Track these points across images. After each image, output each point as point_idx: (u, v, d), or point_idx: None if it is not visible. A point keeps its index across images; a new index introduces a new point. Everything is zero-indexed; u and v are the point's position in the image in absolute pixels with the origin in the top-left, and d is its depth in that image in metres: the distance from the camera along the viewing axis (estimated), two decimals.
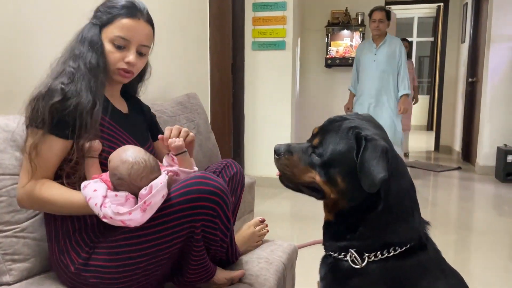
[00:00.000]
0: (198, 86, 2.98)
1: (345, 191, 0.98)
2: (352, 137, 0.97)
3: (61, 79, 1.16)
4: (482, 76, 5.21)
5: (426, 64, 10.24)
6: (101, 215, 1.07)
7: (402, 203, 0.99)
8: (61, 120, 1.13)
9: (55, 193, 1.14)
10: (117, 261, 1.12)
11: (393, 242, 0.98)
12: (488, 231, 3.22)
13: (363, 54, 4.32)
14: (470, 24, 5.80)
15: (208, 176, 1.16)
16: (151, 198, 1.07)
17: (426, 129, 9.42)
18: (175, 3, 2.60)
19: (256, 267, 1.40)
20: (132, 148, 1.17)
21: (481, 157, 5.08)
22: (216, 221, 1.15)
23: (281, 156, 1.05)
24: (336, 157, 0.98)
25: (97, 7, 1.28)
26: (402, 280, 0.97)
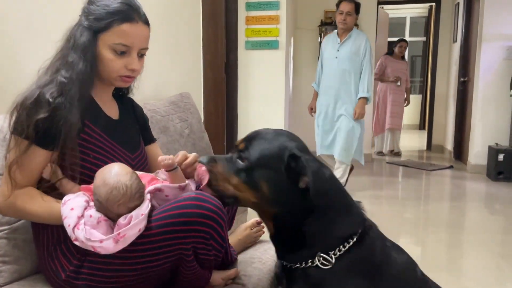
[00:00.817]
0: (191, 86, 2.96)
1: (272, 198, 1.01)
2: (284, 154, 1.01)
3: (50, 90, 1.11)
4: (473, 75, 5.24)
5: (419, 63, 10.29)
6: (73, 238, 1.04)
7: (339, 199, 1.05)
8: (46, 132, 1.10)
9: (36, 204, 1.11)
10: (109, 271, 1.11)
11: (348, 233, 1.03)
12: (479, 229, 3.25)
13: (326, 49, 3.95)
14: (462, 24, 5.84)
15: (203, 197, 1.09)
16: (127, 230, 1.03)
17: (418, 128, 9.47)
18: (168, 2, 2.59)
19: (249, 267, 1.40)
20: (119, 168, 1.10)
21: (473, 156, 5.12)
22: (210, 242, 1.12)
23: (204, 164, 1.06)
24: (263, 161, 1.01)
25: (87, 7, 1.20)
26: (363, 261, 1.02)
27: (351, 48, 3.77)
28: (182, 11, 2.81)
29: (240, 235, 1.54)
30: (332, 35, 3.99)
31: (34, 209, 1.11)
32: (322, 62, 4.00)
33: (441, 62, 6.74)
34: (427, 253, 2.86)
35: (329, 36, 4.05)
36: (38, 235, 1.19)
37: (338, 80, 3.80)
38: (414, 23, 9.76)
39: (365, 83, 3.74)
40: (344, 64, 3.77)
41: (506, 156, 4.63)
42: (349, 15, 3.74)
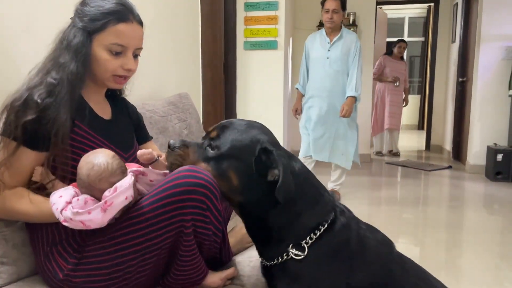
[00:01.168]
0: (190, 86, 2.96)
1: (239, 188, 1.05)
2: (256, 146, 1.04)
3: (39, 92, 1.11)
4: (472, 75, 5.25)
5: (417, 64, 10.30)
6: (62, 219, 1.04)
7: (307, 191, 1.08)
8: (35, 133, 1.10)
9: (25, 203, 1.11)
10: (108, 261, 1.11)
11: (317, 222, 1.06)
12: (478, 229, 3.25)
13: (314, 48, 3.68)
14: (460, 24, 5.85)
15: (195, 169, 1.11)
16: (113, 198, 1.04)
17: (417, 129, 9.48)
18: (166, 2, 2.59)
19: (247, 267, 1.39)
20: (102, 151, 1.13)
21: (471, 156, 5.12)
22: (207, 214, 1.12)
23: (175, 149, 1.08)
24: (233, 152, 1.04)
25: (81, 8, 1.20)
26: (337, 245, 1.05)
27: (342, 48, 3.58)
28: (180, 12, 2.81)
29: (237, 233, 1.54)
30: (318, 34, 3.72)
31: (23, 208, 1.11)
32: (308, 62, 3.75)
33: (440, 62, 6.75)
34: (426, 253, 2.86)
35: (315, 36, 3.76)
36: (34, 237, 1.19)
37: (330, 81, 3.58)
38: (413, 23, 9.77)
39: (353, 82, 3.55)
40: (336, 65, 3.57)
41: (504, 156, 4.64)
42: (336, 13, 3.52)
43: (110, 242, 1.11)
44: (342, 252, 1.05)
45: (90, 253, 1.12)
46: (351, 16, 5.47)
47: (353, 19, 5.48)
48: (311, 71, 3.69)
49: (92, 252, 1.12)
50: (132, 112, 1.46)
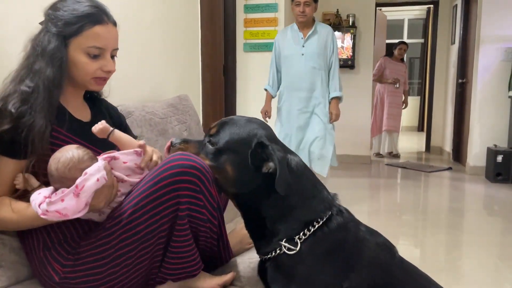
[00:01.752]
0: (190, 88, 2.97)
1: (236, 180, 1.08)
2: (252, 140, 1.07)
3: (13, 101, 1.09)
4: (471, 77, 5.26)
5: (417, 65, 10.31)
6: (40, 213, 1.04)
7: (303, 186, 1.10)
8: (12, 141, 1.09)
9: (7, 210, 1.11)
10: (105, 258, 1.10)
11: (312, 218, 1.07)
12: (478, 231, 3.25)
13: (286, 45, 3.34)
14: (460, 26, 5.86)
15: (186, 153, 1.13)
16: (84, 181, 1.02)
17: (417, 130, 9.48)
18: (166, 4, 2.59)
19: (248, 268, 1.39)
20: (66, 146, 1.12)
21: (471, 158, 5.12)
22: (200, 197, 1.11)
23: (176, 145, 1.13)
24: (229, 145, 1.09)
25: (53, 13, 1.18)
26: (332, 244, 1.06)
27: (318, 43, 3.26)
28: (180, 14, 2.82)
29: (237, 234, 1.54)
30: (289, 30, 3.38)
31: (7, 216, 1.11)
32: (279, 61, 3.40)
33: (439, 64, 6.76)
34: (426, 254, 2.86)
35: (285, 31, 3.42)
36: (26, 244, 1.18)
37: (308, 80, 3.27)
38: (412, 25, 9.78)
39: (336, 81, 3.30)
40: (313, 61, 3.25)
41: (504, 157, 4.64)
42: (307, 6, 3.21)
43: (106, 239, 1.10)
44: (337, 252, 1.05)
45: (86, 253, 1.12)
46: (350, 17, 5.48)
47: (352, 21, 5.48)
48: (284, 70, 3.37)
49: (87, 251, 1.12)
50: (113, 113, 1.46)
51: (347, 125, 5.66)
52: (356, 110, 5.60)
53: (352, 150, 5.70)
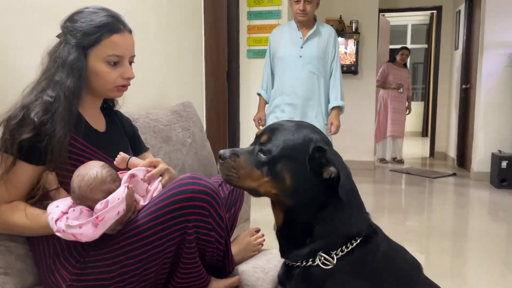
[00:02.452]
0: (193, 95, 2.98)
1: (294, 189, 1.00)
2: (309, 145, 1.00)
3: (36, 110, 1.12)
4: (475, 82, 5.25)
5: (420, 70, 10.31)
6: (55, 229, 1.06)
7: (351, 200, 1.04)
8: (32, 148, 1.11)
9: (22, 216, 1.12)
10: (111, 272, 1.11)
11: (352, 234, 1.02)
12: (483, 237, 3.23)
13: (282, 45, 2.94)
14: (463, 31, 5.86)
15: (197, 176, 1.15)
16: (105, 213, 1.05)
17: (421, 136, 9.46)
18: (170, 11, 2.61)
19: (252, 277, 1.39)
20: (91, 162, 1.16)
21: (476, 163, 5.11)
22: (209, 220, 1.14)
23: (227, 159, 1.01)
24: (287, 153, 1.00)
25: (71, 26, 1.21)
26: (371, 264, 1.01)
27: (319, 45, 2.87)
28: (184, 21, 2.83)
29: (240, 242, 1.54)
30: (286, 28, 2.99)
31: (19, 220, 1.12)
32: (273, 62, 3.01)
33: (443, 69, 6.75)
34: (430, 261, 2.84)
35: (282, 29, 3.02)
36: (35, 249, 1.19)
37: (304, 86, 2.86)
38: (416, 30, 9.79)
39: (338, 88, 2.91)
40: (311, 65, 2.85)
41: (509, 163, 4.61)
42: (309, 3, 2.81)
43: (113, 253, 1.12)
44: (369, 270, 1.01)
45: (93, 264, 1.13)
46: (353, 23, 5.49)
47: (355, 27, 5.50)
48: (278, 73, 2.96)
49: (95, 262, 1.13)
50: (126, 125, 1.49)
51: (351, 131, 5.66)
52: (360, 115, 5.60)
53: (355, 156, 5.69)
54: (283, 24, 3.10)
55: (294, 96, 2.87)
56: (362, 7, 5.50)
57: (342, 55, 5.51)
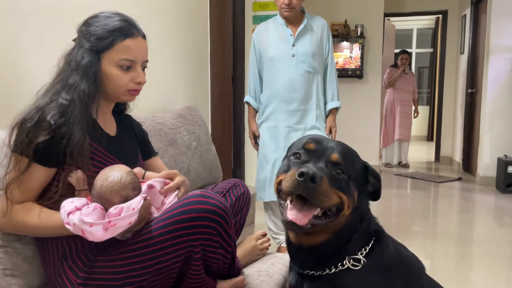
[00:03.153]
0: (199, 98, 2.99)
1: (356, 206, 1.04)
2: (361, 164, 1.08)
3: (52, 113, 1.13)
4: (481, 86, 5.23)
5: (426, 75, 10.29)
6: (65, 221, 1.07)
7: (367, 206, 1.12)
8: (47, 151, 1.12)
9: (35, 216, 1.12)
10: (117, 280, 1.12)
11: (371, 233, 1.08)
12: (488, 242, 3.21)
13: (270, 44, 2.56)
14: (469, 35, 5.84)
15: (207, 194, 1.15)
16: (118, 220, 1.06)
17: (426, 140, 9.43)
18: (175, 15, 2.63)
19: (256, 280, 1.39)
20: (119, 166, 1.18)
21: (482, 168, 5.08)
22: (217, 239, 1.15)
23: (316, 182, 0.91)
24: (356, 173, 1.04)
25: (86, 30, 1.23)
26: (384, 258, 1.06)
27: (311, 41, 2.53)
28: (189, 24, 2.85)
29: (246, 246, 1.55)
30: (271, 25, 2.61)
31: (32, 221, 1.12)
32: (261, 65, 2.64)
33: (449, 74, 6.74)
34: (435, 265, 2.83)
35: (266, 26, 2.63)
36: (44, 251, 1.20)
37: (301, 87, 2.52)
38: (421, 35, 9.78)
39: (334, 87, 2.62)
40: (306, 64, 2.51)
41: None
42: None
43: (121, 262, 1.12)
44: (385, 267, 1.05)
45: (100, 269, 1.13)
46: (359, 28, 5.49)
47: (361, 31, 5.50)
48: (269, 76, 2.59)
49: (102, 268, 1.13)
50: (137, 129, 1.49)
51: (356, 135, 5.65)
52: (365, 120, 5.60)
53: None
54: (266, 21, 2.69)
55: (290, 100, 2.53)
56: (367, 11, 5.51)
57: (347, 59, 5.52)
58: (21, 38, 1.52)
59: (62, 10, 1.69)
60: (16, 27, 1.50)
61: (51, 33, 1.63)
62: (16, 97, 1.49)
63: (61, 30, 1.65)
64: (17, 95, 1.50)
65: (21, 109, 1.17)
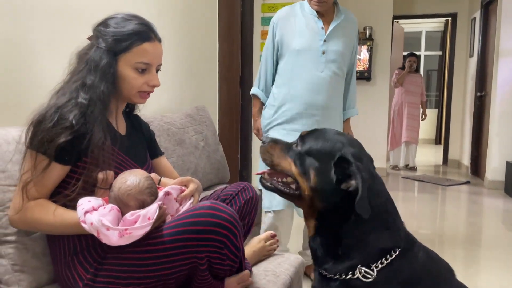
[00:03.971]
0: (207, 99, 3.00)
1: (317, 189, 1.04)
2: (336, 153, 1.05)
3: (73, 112, 1.14)
4: (490, 90, 5.20)
5: (434, 77, 10.24)
6: (82, 219, 1.07)
7: (382, 214, 1.06)
8: (67, 150, 1.13)
9: (49, 214, 1.13)
10: (125, 279, 1.13)
11: (390, 246, 1.03)
12: (497, 246, 3.19)
13: (297, 34, 2.19)
14: (478, 38, 5.81)
15: (218, 207, 1.14)
16: (134, 229, 1.07)
17: (434, 143, 9.37)
18: (185, 16, 2.64)
19: (263, 280, 1.39)
20: (138, 170, 1.20)
21: (490, 172, 5.04)
22: (224, 252, 1.15)
23: (265, 143, 1.15)
24: (314, 151, 1.07)
25: (104, 30, 1.23)
26: (409, 275, 1.02)
27: (345, 39, 2.22)
28: (198, 26, 2.86)
29: (254, 247, 1.54)
30: (298, 11, 2.23)
31: (47, 218, 1.13)
32: (281, 55, 2.25)
33: (457, 77, 6.70)
34: None
35: (293, 12, 2.25)
36: (55, 246, 1.21)
37: (327, 90, 2.19)
38: (430, 37, 9.73)
39: (354, 95, 2.42)
40: (336, 65, 2.20)
41: None
42: None
43: (128, 261, 1.13)
44: (407, 281, 1.02)
45: (109, 266, 1.14)
46: (367, 30, 5.48)
47: (369, 33, 5.49)
48: (289, 71, 2.21)
49: (110, 265, 1.14)
50: (144, 128, 1.51)
51: (364, 137, 5.61)
52: (373, 122, 5.58)
53: None
54: (291, 6, 2.29)
55: (313, 104, 2.18)
56: (376, 13, 5.50)
57: None
58: (33, 38, 1.54)
59: (74, 10, 1.71)
60: (28, 26, 1.52)
61: (63, 32, 1.65)
62: (27, 96, 1.51)
63: (72, 30, 1.67)
64: (29, 93, 1.52)
65: (33, 107, 1.18)
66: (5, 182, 1.21)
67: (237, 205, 1.47)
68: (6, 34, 1.44)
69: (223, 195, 1.50)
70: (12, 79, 1.48)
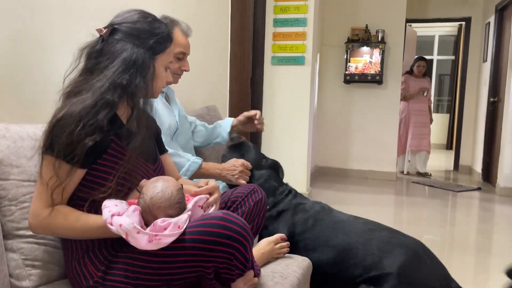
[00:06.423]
0: (218, 99, 3.01)
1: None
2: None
3: (103, 112, 1.12)
4: (504, 95, 5.14)
5: (447, 82, 10.15)
6: (108, 221, 1.07)
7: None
8: (90, 154, 1.12)
9: (71, 219, 1.13)
10: (134, 279, 1.13)
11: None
12: (508, 253, 3.15)
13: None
14: (492, 43, 5.75)
15: (229, 218, 1.13)
16: (164, 236, 1.07)
17: (445, 148, 9.29)
18: (197, 17, 2.65)
19: (270, 282, 1.39)
20: (172, 180, 1.20)
21: (502, 178, 4.98)
22: (234, 263, 1.14)
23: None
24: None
25: (136, 28, 1.21)
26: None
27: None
28: (211, 27, 2.87)
29: (262, 249, 1.54)
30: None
31: (69, 223, 1.12)
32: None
33: (470, 82, 6.63)
34: (452, 275, 2.78)
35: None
36: (67, 243, 1.21)
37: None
38: (443, 42, 9.66)
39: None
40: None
41: None
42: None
43: (137, 262, 1.13)
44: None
45: (119, 265, 1.15)
46: (379, 33, 5.45)
47: (381, 36, 5.46)
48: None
49: (120, 264, 1.15)
50: (151, 124, 1.49)
51: (374, 141, 5.61)
52: (383, 126, 5.55)
53: (378, 166, 5.64)
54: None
55: None
56: (388, 16, 5.47)
57: (367, 64, 5.48)
58: (48, 36, 1.56)
59: (89, 9, 1.73)
60: (43, 25, 1.54)
61: (79, 30, 1.66)
62: (43, 93, 1.53)
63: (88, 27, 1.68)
64: (44, 91, 1.54)
65: (48, 105, 1.18)
66: (19, 177, 1.22)
67: (246, 207, 1.48)
68: (23, 32, 1.46)
69: (233, 197, 1.50)
70: (28, 77, 1.50)
